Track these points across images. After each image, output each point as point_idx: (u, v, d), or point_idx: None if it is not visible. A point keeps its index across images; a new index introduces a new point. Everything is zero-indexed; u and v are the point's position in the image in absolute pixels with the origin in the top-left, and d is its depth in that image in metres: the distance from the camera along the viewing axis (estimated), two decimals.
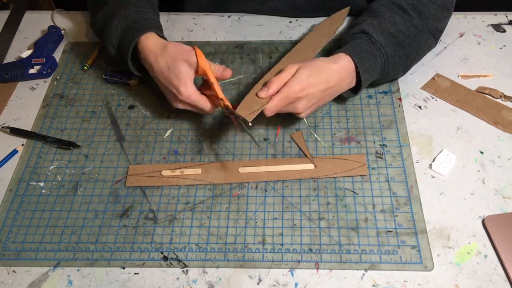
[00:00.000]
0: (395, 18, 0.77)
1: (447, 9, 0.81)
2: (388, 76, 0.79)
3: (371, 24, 0.77)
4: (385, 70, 0.77)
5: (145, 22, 0.78)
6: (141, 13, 0.79)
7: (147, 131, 0.80)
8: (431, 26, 0.79)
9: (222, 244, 0.67)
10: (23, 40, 0.97)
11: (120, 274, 0.65)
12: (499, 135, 0.75)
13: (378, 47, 0.75)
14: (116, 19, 0.78)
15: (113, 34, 0.78)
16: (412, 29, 0.77)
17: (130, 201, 0.72)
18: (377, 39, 0.75)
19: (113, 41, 0.79)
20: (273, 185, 0.72)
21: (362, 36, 0.76)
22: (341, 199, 0.70)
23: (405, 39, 0.77)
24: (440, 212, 0.68)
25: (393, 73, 0.79)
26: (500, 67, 0.84)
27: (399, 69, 0.79)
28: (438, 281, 0.61)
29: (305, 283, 0.63)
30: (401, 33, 0.76)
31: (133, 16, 0.78)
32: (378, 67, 0.76)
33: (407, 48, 0.77)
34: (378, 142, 0.75)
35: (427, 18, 0.78)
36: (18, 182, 0.75)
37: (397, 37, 0.76)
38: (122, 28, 0.78)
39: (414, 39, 0.78)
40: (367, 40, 0.75)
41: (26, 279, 0.65)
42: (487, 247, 0.64)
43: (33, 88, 0.88)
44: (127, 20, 0.78)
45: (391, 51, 0.75)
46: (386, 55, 0.75)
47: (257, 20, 0.96)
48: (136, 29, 0.76)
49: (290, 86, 0.69)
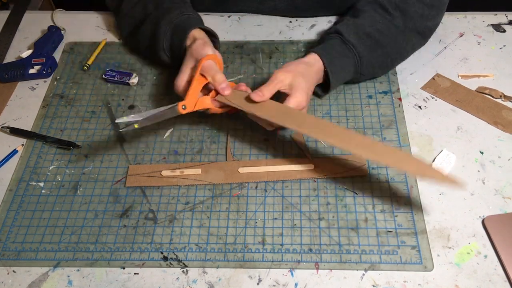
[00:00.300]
0: (375, 17, 0.78)
1: (436, 7, 0.80)
2: (363, 75, 0.80)
3: (345, 25, 0.79)
4: (359, 70, 0.78)
5: (188, 21, 0.81)
6: (183, 14, 0.81)
7: (147, 131, 0.80)
8: (418, 25, 0.79)
9: (222, 244, 0.67)
10: (23, 40, 0.97)
11: (120, 274, 0.65)
12: (499, 135, 0.75)
13: (350, 48, 0.76)
14: (163, 25, 0.80)
15: (162, 40, 0.80)
16: (393, 28, 0.78)
17: (130, 201, 0.72)
18: (349, 39, 0.76)
19: (165, 47, 0.81)
20: (273, 185, 0.72)
21: (335, 37, 0.78)
22: (341, 199, 0.70)
23: (384, 38, 0.77)
24: (440, 212, 0.68)
25: (369, 73, 0.80)
26: (500, 67, 0.84)
27: (376, 69, 0.80)
28: (438, 281, 0.61)
29: (305, 283, 0.63)
30: (379, 32, 0.77)
31: (177, 18, 0.81)
32: (351, 67, 0.77)
33: (386, 47, 0.78)
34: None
35: (412, 17, 0.78)
36: (18, 182, 0.75)
37: (374, 37, 0.77)
38: (170, 32, 0.80)
39: (394, 39, 0.78)
40: (340, 41, 0.77)
41: (26, 279, 0.65)
42: (487, 247, 0.64)
43: (33, 88, 0.88)
44: (173, 24, 0.80)
45: (365, 52, 0.76)
46: (359, 55, 0.76)
47: (257, 20, 0.96)
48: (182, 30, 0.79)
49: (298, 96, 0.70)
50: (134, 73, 0.87)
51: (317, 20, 0.95)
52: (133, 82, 0.86)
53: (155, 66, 0.89)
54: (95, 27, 0.98)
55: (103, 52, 0.93)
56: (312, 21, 0.95)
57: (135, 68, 0.90)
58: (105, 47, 0.94)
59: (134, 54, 0.92)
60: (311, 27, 0.94)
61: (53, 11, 1.01)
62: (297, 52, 0.89)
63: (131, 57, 0.92)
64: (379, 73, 0.82)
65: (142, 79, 0.88)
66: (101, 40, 0.94)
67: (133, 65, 0.90)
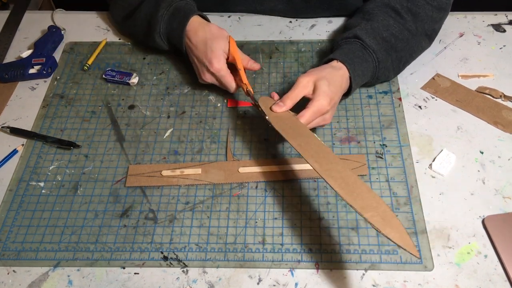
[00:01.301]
0: (389, 21, 0.77)
1: (444, 10, 0.81)
2: (378, 79, 0.80)
3: (364, 29, 0.77)
4: (376, 74, 0.77)
5: (189, 7, 0.82)
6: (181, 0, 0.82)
7: (147, 131, 0.80)
8: (427, 28, 0.79)
9: (222, 244, 0.67)
10: (23, 40, 0.97)
11: (120, 274, 0.65)
12: (499, 135, 0.75)
13: (370, 53, 0.75)
14: (161, 9, 0.81)
15: (159, 24, 0.81)
16: (406, 32, 0.77)
17: (130, 201, 0.72)
18: (370, 44, 0.75)
19: (161, 32, 0.82)
20: (273, 185, 0.72)
21: (354, 41, 0.76)
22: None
23: (398, 43, 0.77)
24: (440, 212, 0.68)
25: (384, 76, 0.79)
26: (500, 67, 0.84)
27: (390, 73, 0.79)
28: (438, 281, 0.61)
29: (305, 283, 0.63)
30: (394, 37, 0.77)
31: (175, 3, 0.81)
32: (369, 72, 0.76)
33: (400, 51, 0.77)
34: (378, 142, 0.75)
35: (423, 20, 0.78)
36: (18, 182, 0.75)
37: (389, 41, 0.76)
38: (168, 16, 0.81)
39: (407, 43, 0.78)
40: (360, 46, 0.76)
41: (26, 279, 0.65)
42: (487, 247, 0.64)
43: (33, 88, 0.88)
44: (171, 8, 0.81)
45: (383, 56, 0.76)
46: (378, 60, 0.76)
47: (257, 20, 0.96)
48: (183, 16, 0.80)
49: (319, 100, 0.68)
50: (134, 73, 0.87)
51: (317, 20, 0.95)
52: (133, 82, 0.86)
53: (155, 66, 0.90)
54: (95, 27, 0.98)
55: (103, 52, 0.93)
56: (312, 21, 0.95)
57: (135, 68, 0.90)
58: (105, 47, 0.94)
59: (134, 54, 0.92)
60: (311, 27, 0.94)
61: (53, 11, 1.01)
62: (297, 52, 0.89)
63: (131, 57, 0.92)
64: (391, 77, 0.81)
65: (142, 79, 0.88)
66: (101, 40, 0.94)
67: (133, 65, 0.90)
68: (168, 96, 0.85)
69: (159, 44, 0.85)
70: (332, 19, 0.94)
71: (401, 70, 0.82)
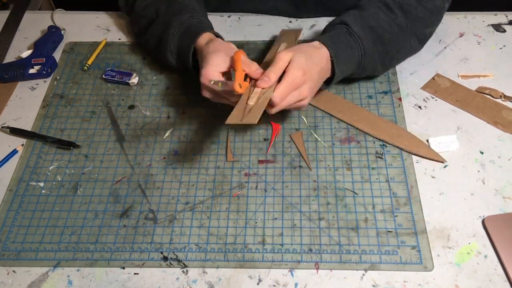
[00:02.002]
0: (379, 14, 0.77)
1: (438, 13, 0.81)
2: (365, 70, 0.78)
3: (352, 16, 0.77)
4: (362, 63, 0.76)
5: (199, 25, 0.80)
6: (194, 17, 0.81)
7: (147, 131, 0.80)
8: (417, 29, 0.79)
9: (222, 244, 0.67)
10: (23, 40, 0.97)
11: (120, 274, 0.65)
12: (499, 135, 0.75)
13: (355, 39, 0.75)
14: (172, 27, 0.80)
15: (170, 41, 0.80)
16: (395, 27, 0.77)
17: (130, 201, 0.72)
18: (356, 30, 0.75)
19: (172, 49, 0.81)
20: (273, 185, 0.72)
21: (341, 27, 0.76)
22: (341, 199, 0.70)
23: (386, 35, 0.76)
24: (440, 212, 0.68)
25: (371, 68, 0.78)
26: (500, 67, 0.84)
27: (377, 65, 0.79)
28: (438, 281, 0.61)
29: (305, 283, 0.63)
30: (382, 28, 0.76)
31: (188, 21, 0.80)
32: (355, 60, 0.75)
33: (387, 45, 0.77)
34: (378, 142, 0.75)
35: (414, 19, 0.78)
36: (18, 182, 0.75)
37: (377, 31, 0.76)
38: (179, 34, 0.80)
39: (395, 37, 0.77)
40: (346, 31, 0.76)
41: (26, 279, 0.65)
42: (487, 247, 0.64)
43: (33, 88, 0.88)
44: (183, 26, 0.80)
45: (368, 45, 0.75)
46: (364, 48, 0.75)
47: (257, 20, 0.96)
48: (193, 32, 0.78)
49: (292, 71, 0.67)
50: (134, 73, 0.87)
51: (317, 20, 0.95)
52: (133, 82, 0.86)
53: (155, 66, 0.90)
54: (95, 27, 0.98)
55: (103, 52, 0.93)
56: (312, 21, 0.95)
57: (135, 68, 0.90)
58: (105, 47, 0.94)
59: (134, 54, 0.92)
60: (311, 27, 0.94)
61: (53, 11, 1.01)
62: None
63: (131, 57, 0.92)
64: (378, 70, 0.81)
65: (142, 79, 0.88)
66: (101, 40, 0.94)
67: (133, 65, 0.90)
68: (168, 96, 0.85)
69: (170, 61, 0.83)
70: (332, 19, 0.94)
71: (388, 66, 0.81)
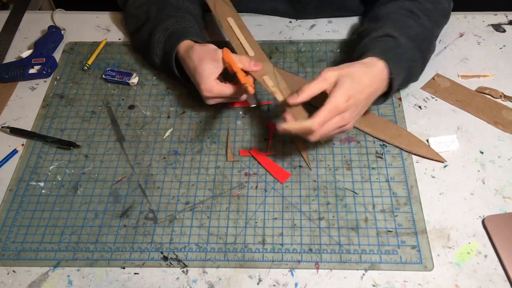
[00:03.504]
0: (409, 22, 0.75)
1: (445, 16, 0.83)
2: (409, 80, 0.77)
3: (393, 28, 0.73)
4: (408, 76, 0.74)
5: (183, 31, 0.79)
6: (179, 23, 0.80)
7: (147, 131, 0.80)
8: (435, 31, 0.80)
9: (222, 244, 0.67)
10: (23, 40, 0.97)
11: (120, 274, 0.65)
12: (499, 135, 0.75)
13: (405, 51, 0.72)
14: (157, 32, 0.80)
15: (156, 47, 0.81)
16: (427, 32, 0.77)
17: (130, 201, 0.72)
18: (403, 42, 0.71)
19: (158, 54, 0.82)
20: (273, 185, 0.72)
21: (387, 39, 0.72)
22: (341, 199, 0.70)
23: (422, 42, 0.75)
24: (440, 212, 0.68)
25: (414, 78, 0.77)
26: (500, 67, 0.84)
27: (418, 74, 0.78)
28: (438, 281, 0.61)
29: (305, 283, 0.63)
30: (418, 36, 0.74)
31: (172, 27, 0.80)
32: (404, 71, 0.72)
33: (424, 51, 0.76)
34: (378, 142, 0.75)
35: (433, 22, 0.78)
36: (18, 182, 0.75)
37: (416, 40, 0.73)
38: (163, 40, 0.80)
39: (429, 43, 0.77)
40: (394, 44, 0.71)
41: (26, 279, 0.65)
42: (487, 247, 0.64)
43: (33, 88, 0.88)
44: (167, 32, 0.80)
45: (413, 56, 0.73)
46: (410, 59, 0.73)
47: (257, 20, 0.96)
48: (174, 39, 0.78)
49: (336, 96, 0.63)
50: (134, 73, 0.87)
51: (317, 21, 0.95)
52: (133, 82, 0.86)
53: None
54: (95, 27, 0.98)
55: (103, 52, 0.93)
56: (312, 21, 0.95)
57: (135, 68, 0.90)
58: (105, 47, 0.94)
59: (134, 54, 0.92)
60: (311, 27, 0.94)
61: (53, 11, 1.01)
62: (297, 52, 0.89)
63: (131, 57, 0.92)
64: (416, 79, 0.79)
65: (142, 79, 0.88)
66: (101, 40, 0.94)
67: (133, 65, 0.90)
68: (168, 96, 0.85)
69: (158, 66, 0.84)
70: (332, 19, 0.94)
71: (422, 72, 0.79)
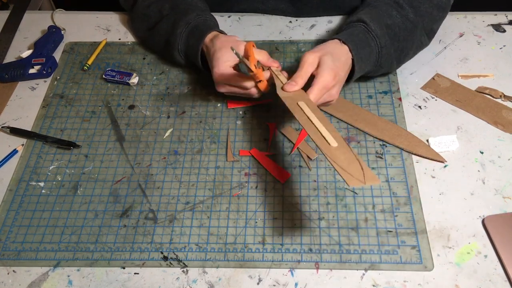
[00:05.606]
0: (392, 11, 0.78)
1: (443, 9, 0.81)
2: (382, 68, 0.79)
3: (368, 14, 0.77)
4: (379, 61, 0.76)
5: (207, 23, 0.82)
6: (200, 16, 0.82)
7: (147, 131, 0.80)
8: (425, 24, 0.80)
9: (222, 244, 0.67)
10: (23, 40, 0.97)
11: (120, 274, 0.65)
12: (499, 135, 0.75)
13: (373, 37, 0.75)
14: (179, 27, 0.81)
15: (178, 41, 0.82)
16: (408, 23, 0.77)
17: (130, 201, 0.72)
18: (373, 28, 0.75)
19: (180, 48, 0.82)
20: (273, 185, 0.72)
21: (358, 25, 0.76)
22: (341, 199, 0.70)
23: (401, 32, 0.77)
24: (440, 212, 0.68)
25: (387, 65, 0.79)
26: (500, 67, 0.84)
27: (393, 62, 0.79)
28: (438, 281, 0.61)
29: (305, 283, 0.63)
30: (397, 26, 0.77)
31: (194, 20, 0.81)
32: (373, 57, 0.76)
33: (402, 41, 0.77)
34: (378, 142, 0.75)
35: (422, 15, 0.78)
36: (18, 182, 0.75)
37: (393, 29, 0.76)
38: (186, 34, 0.81)
39: (409, 34, 0.78)
40: (364, 29, 0.76)
41: (26, 279, 0.65)
42: (487, 247, 0.64)
43: (33, 88, 0.88)
44: (189, 26, 0.81)
45: (385, 42, 0.75)
46: (381, 45, 0.75)
47: (257, 20, 0.96)
48: (200, 32, 0.79)
49: (324, 75, 0.68)
50: (134, 73, 0.87)
51: (317, 20, 0.95)
52: (133, 82, 0.86)
53: (155, 66, 0.90)
54: (95, 27, 0.98)
55: (103, 52, 0.93)
56: (312, 21, 0.95)
57: (135, 68, 0.90)
58: (105, 47, 0.94)
59: (134, 54, 0.92)
60: (311, 27, 0.94)
61: (53, 11, 1.01)
62: (297, 52, 0.89)
63: (131, 57, 0.92)
64: (393, 68, 0.81)
65: (142, 79, 0.88)
66: (101, 40, 0.94)
67: (133, 65, 0.90)
68: (168, 96, 0.85)
69: (178, 60, 0.85)
70: (332, 19, 0.94)
71: (401, 63, 0.81)
